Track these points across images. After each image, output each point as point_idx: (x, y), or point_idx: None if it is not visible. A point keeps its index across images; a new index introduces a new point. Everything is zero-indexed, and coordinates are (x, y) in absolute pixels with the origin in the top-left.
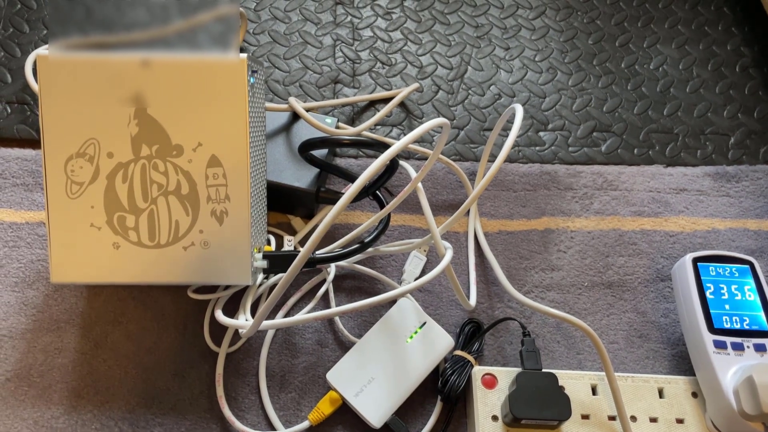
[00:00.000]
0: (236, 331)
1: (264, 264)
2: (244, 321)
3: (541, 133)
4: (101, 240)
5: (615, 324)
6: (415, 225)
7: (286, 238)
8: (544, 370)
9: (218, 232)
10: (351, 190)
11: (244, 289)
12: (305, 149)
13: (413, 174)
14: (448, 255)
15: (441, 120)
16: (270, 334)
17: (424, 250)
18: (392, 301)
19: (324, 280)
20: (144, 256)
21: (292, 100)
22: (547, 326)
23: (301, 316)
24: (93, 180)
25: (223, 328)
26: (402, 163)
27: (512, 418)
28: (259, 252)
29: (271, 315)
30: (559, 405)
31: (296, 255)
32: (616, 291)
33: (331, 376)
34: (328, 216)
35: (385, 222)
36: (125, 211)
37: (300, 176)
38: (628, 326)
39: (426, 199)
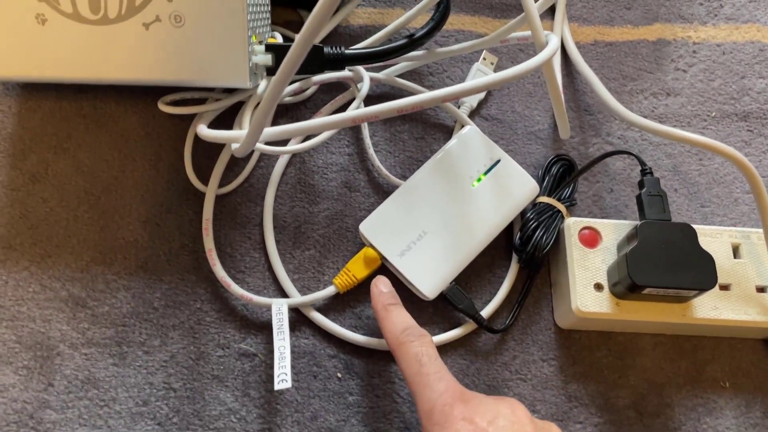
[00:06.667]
0: (229, 166)
1: (268, 60)
2: (238, 132)
3: None
4: (17, 11)
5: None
6: (480, 30)
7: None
8: (675, 222)
9: (196, 2)
10: None
11: (240, 106)
12: None
13: None
14: (553, 43)
15: None
16: (278, 170)
17: (492, 63)
18: (449, 131)
19: (353, 99)
20: (84, 36)
21: None
22: (660, 170)
23: (323, 119)
24: None
25: (211, 162)
26: None
27: (629, 286)
28: (261, 44)
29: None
30: (699, 269)
31: (314, 45)
32: (754, 124)
33: (367, 228)
34: None
35: (444, 9)
36: None
37: None
38: None
39: None
